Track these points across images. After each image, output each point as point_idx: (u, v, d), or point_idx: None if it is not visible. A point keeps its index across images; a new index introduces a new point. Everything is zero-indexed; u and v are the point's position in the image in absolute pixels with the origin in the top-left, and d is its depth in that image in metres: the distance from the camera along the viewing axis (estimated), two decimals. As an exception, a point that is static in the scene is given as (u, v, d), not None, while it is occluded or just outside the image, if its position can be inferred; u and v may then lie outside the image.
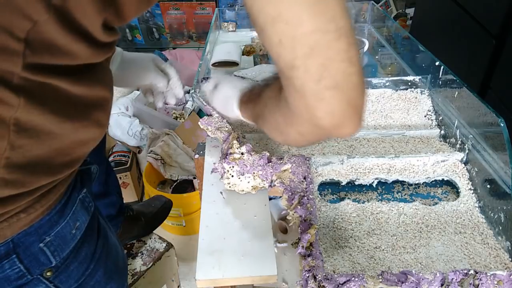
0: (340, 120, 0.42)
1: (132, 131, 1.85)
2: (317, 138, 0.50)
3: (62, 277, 0.54)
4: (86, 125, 0.48)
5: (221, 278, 0.59)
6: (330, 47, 0.38)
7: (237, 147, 0.75)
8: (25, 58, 0.38)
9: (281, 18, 0.37)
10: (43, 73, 0.40)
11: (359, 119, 0.44)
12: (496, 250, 0.68)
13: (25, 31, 0.37)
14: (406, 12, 2.29)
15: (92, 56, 0.44)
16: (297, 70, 0.40)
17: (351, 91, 0.41)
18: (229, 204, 0.72)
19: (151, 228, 1.23)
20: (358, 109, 0.43)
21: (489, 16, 1.32)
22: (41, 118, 0.42)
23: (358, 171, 0.83)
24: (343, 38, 0.39)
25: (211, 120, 0.84)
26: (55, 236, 0.52)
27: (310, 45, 0.38)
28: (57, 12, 0.37)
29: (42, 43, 0.38)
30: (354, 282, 0.57)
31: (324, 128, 0.43)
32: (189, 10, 2.44)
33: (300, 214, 0.69)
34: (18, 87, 0.39)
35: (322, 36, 0.38)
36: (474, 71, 1.39)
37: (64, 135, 0.46)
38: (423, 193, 0.82)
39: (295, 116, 0.46)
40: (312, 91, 0.40)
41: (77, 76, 0.44)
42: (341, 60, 0.39)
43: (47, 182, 0.47)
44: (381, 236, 0.70)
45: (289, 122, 0.49)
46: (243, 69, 1.22)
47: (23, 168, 0.44)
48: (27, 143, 0.43)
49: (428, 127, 0.95)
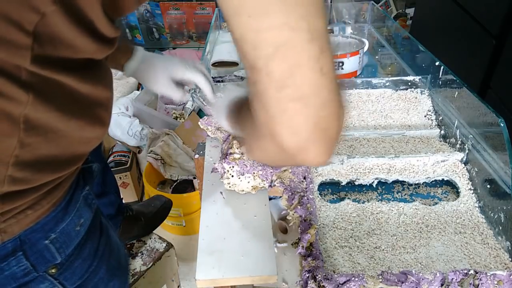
0: (304, 142, 0.36)
1: (132, 131, 1.85)
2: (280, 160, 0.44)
3: (66, 274, 0.55)
4: (91, 123, 0.48)
5: (221, 278, 0.59)
6: (299, 49, 0.33)
7: (237, 147, 0.75)
8: (33, 52, 0.38)
9: (244, 10, 0.32)
10: (50, 68, 0.40)
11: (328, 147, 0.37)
12: (496, 250, 0.68)
13: (33, 24, 0.37)
14: (406, 12, 2.29)
15: (96, 52, 0.44)
16: (258, 72, 0.34)
17: (319, 109, 0.34)
18: (229, 204, 0.72)
19: (151, 228, 1.23)
20: (328, 134, 0.36)
21: (489, 16, 1.32)
22: (48, 116, 0.42)
23: (358, 171, 0.83)
24: (315, 41, 0.33)
25: (211, 120, 0.84)
26: (60, 233, 0.52)
27: (275, 44, 0.32)
28: (63, 3, 0.37)
29: (50, 36, 0.38)
30: (354, 282, 0.57)
31: (286, 148, 0.37)
32: (189, 10, 2.44)
33: (300, 214, 0.69)
34: (26, 82, 0.39)
35: (290, 34, 0.32)
36: (474, 71, 1.39)
37: (70, 133, 0.46)
38: (423, 193, 0.82)
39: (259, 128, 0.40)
40: (274, 99, 0.35)
41: (81, 73, 0.44)
42: (310, 68, 0.33)
43: (52, 179, 0.48)
44: (381, 236, 0.70)
45: (255, 135, 0.44)
46: (243, 69, 1.22)
47: (32, 166, 0.44)
48: (35, 141, 0.43)
49: (428, 127, 0.95)
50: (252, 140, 0.47)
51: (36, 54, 0.38)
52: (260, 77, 0.34)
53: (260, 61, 0.34)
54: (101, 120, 0.50)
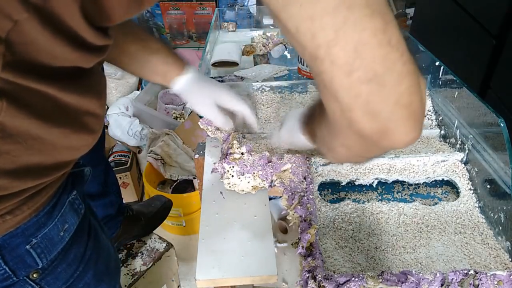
0: (386, 124, 0.33)
1: (132, 131, 1.85)
2: (366, 151, 0.41)
3: (49, 279, 0.54)
4: (76, 131, 0.46)
5: (221, 278, 0.59)
6: (361, 27, 0.30)
7: (237, 147, 0.75)
8: (5, 59, 0.36)
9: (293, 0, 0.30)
10: (26, 76, 0.39)
11: (416, 123, 0.34)
12: (496, 250, 0.68)
13: (5, 31, 0.35)
14: (406, 12, 2.29)
15: (81, 60, 0.42)
16: (322, 62, 0.32)
17: (397, 85, 0.32)
18: (229, 204, 0.72)
19: (151, 228, 1.23)
20: (412, 109, 0.33)
21: (489, 16, 1.32)
22: (27, 123, 0.41)
23: (358, 171, 0.83)
24: (377, 14, 0.30)
25: (211, 120, 0.84)
26: (42, 238, 0.51)
27: (334, 27, 0.30)
28: (38, 11, 0.35)
29: (24, 44, 0.37)
30: (354, 282, 0.57)
31: (367, 135, 0.34)
32: (189, 10, 2.44)
33: (300, 214, 0.69)
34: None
35: (347, 13, 0.29)
36: (474, 71, 1.39)
37: (54, 140, 0.44)
38: (423, 193, 0.82)
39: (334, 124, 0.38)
40: (344, 86, 0.32)
41: (66, 82, 0.42)
42: (377, 44, 0.31)
43: (34, 185, 0.46)
44: (381, 236, 0.70)
45: (332, 133, 0.41)
46: (243, 69, 1.22)
47: (10, 174, 0.43)
48: (14, 149, 0.41)
49: (428, 127, 0.95)
50: (331, 140, 0.43)
51: (8, 61, 0.37)
52: (325, 67, 0.32)
53: (322, 49, 0.31)
54: (89, 127, 0.48)
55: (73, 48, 0.39)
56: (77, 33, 0.39)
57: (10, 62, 0.37)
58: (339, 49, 0.31)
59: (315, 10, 0.30)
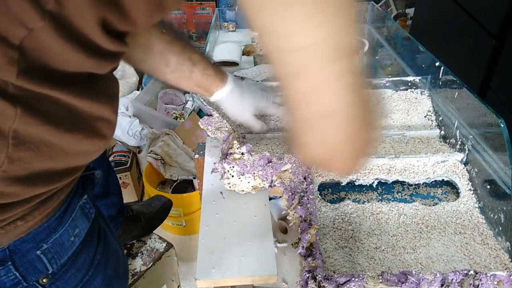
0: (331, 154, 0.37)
1: (132, 131, 1.85)
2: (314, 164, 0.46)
3: (58, 284, 0.53)
4: (89, 136, 0.46)
5: (221, 278, 0.59)
6: (324, 68, 0.33)
7: (237, 147, 0.75)
8: (19, 66, 0.37)
9: (271, 30, 0.32)
10: (40, 83, 0.39)
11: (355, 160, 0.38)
12: (496, 250, 0.68)
13: (19, 38, 0.35)
14: (406, 12, 2.29)
15: (94, 66, 0.42)
16: (286, 88, 0.36)
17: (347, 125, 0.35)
18: (229, 204, 0.72)
19: (151, 228, 1.23)
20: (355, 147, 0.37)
21: (489, 16, 1.32)
22: (40, 129, 0.41)
23: (358, 171, 0.83)
24: (342, 59, 0.32)
25: (211, 120, 0.84)
26: (52, 243, 0.51)
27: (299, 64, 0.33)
28: (53, 19, 0.35)
29: (38, 51, 0.37)
30: (354, 282, 0.57)
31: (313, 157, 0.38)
32: (189, 10, 2.44)
33: (300, 214, 0.69)
34: (13, 96, 0.38)
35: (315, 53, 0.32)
36: (474, 71, 1.39)
37: (66, 146, 0.44)
38: (423, 194, 0.82)
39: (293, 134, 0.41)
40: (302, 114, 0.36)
41: (79, 88, 0.42)
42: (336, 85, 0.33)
43: (45, 190, 0.46)
44: (381, 237, 0.71)
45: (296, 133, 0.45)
46: (243, 69, 1.22)
47: (22, 180, 0.42)
48: (26, 156, 0.41)
49: (428, 128, 0.95)
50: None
51: (23, 68, 0.37)
52: (288, 92, 0.35)
53: (287, 78, 0.34)
54: (101, 133, 0.48)
55: (88, 55, 0.40)
56: (92, 39, 0.39)
57: (24, 69, 0.37)
58: (301, 83, 0.34)
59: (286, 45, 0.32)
